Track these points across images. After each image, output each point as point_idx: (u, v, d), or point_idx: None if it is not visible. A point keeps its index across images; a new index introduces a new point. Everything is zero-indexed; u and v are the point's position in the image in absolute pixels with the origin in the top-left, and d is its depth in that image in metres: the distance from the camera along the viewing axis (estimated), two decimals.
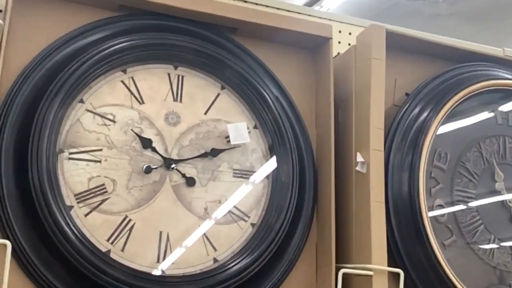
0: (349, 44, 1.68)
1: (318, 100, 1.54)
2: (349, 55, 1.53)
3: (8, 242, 1.15)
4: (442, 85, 1.54)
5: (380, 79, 1.46)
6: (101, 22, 1.39)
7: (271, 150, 1.46)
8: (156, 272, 1.30)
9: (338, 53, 1.63)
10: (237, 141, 1.43)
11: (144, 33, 1.40)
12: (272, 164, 1.45)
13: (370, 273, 1.34)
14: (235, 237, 1.38)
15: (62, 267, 1.23)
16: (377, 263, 1.35)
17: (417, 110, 1.50)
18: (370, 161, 1.40)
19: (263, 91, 1.46)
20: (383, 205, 1.40)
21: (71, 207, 1.27)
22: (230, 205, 1.40)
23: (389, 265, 1.37)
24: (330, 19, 1.69)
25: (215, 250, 1.36)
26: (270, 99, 1.46)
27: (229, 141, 1.43)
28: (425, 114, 1.49)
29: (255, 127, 1.47)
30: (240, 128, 1.44)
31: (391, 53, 1.49)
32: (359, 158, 1.41)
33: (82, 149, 1.31)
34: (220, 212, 1.39)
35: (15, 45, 1.31)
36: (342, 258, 1.41)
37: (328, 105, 1.48)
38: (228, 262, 1.33)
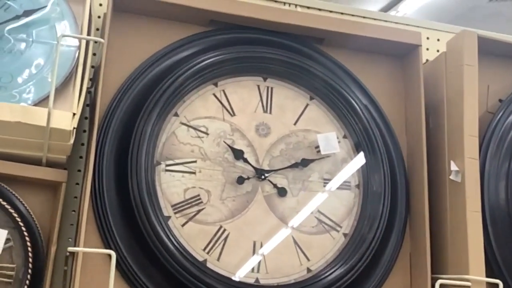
0: (438, 51, 1.65)
1: (408, 108, 1.52)
2: (439, 61, 1.50)
3: (112, 252, 1.20)
4: None
5: (473, 85, 1.43)
6: (193, 37, 1.43)
7: (361, 160, 1.45)
8: (251, 281, 1.32)
9: (427, 60, 1.61)
10: (327, 151, 1.43)
11: (234, 46, 1.43)
12: (363, 173, 1.44)
13: (468, 284, 1.31)
14: (327, 247, 1.38)
15: (161, 276, 1.27)
16: (475, 273, 1.32)
17: None
18: (465, 169, 1.37)
19: (352, 100, 1.46)
20: (480, 214, 1.36)
21: (169, 217, 1.31)
22: (321, 215, 1.40)
23: (486, 276, 1.34)
24: (417, 26, 1.67)
25: (308, 260, 1.36)
26: (359, 108, 1.46)
27: (319, 151, 1.43)
28: None
29: (344, 136, 1.47)
30: (330, 138, 1.44)
31: (483, 59, 1.46)
32: (453, 166, 1.39)
33: (178, 161, 1.35)
34: (312, 222, 1.39)
35: (113, 61, 1.36)
36: (436, 268, 1.39)
37: (419, 112, 1.46)
38: (322, 272, 1.33)
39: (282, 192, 1.39)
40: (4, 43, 1.24)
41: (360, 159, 1.45)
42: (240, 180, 1.37)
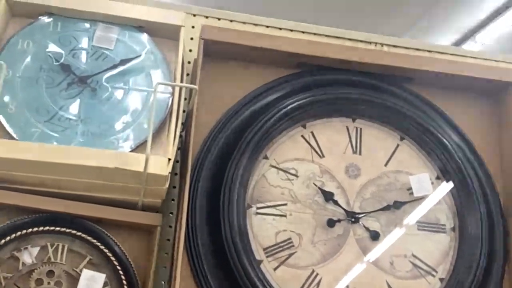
0: None
1: (502, 147, 1.47)
2: None
3: None
4: None
5: None
6: (281, 80, 1.44)
7: (456, 201, 1.41)
8: None
9: None
10: (420, 193, 1.40)
11: (322, 88, 1.43)
12: (458, 216, 1.40)
13: None
14: None
15: None
16: None
17: None
18: None
19: (444, 140, 1.43)
20: None
21: (261, 261, 1.31)
22: (416, 259, 1.36)
23: None
24: (508, 62, 1.62)
25: None
26: (452, 148, 1.42)
27: (411, 193, 1.40)
28: None
29: (437, 177, 1.43)
30: (423, 180, 1.41)
31: None
32: None
33: (269, 204, 1.35)
34: (406, 267, 1.35)
35: (203, 105, 1.39)
36: None
37: None
38: None
39: (374, 235, 1.36)
40: (103, 92, 1.29)
41: (454, 201, 1.41)
42: (331, 223, 1.36)
